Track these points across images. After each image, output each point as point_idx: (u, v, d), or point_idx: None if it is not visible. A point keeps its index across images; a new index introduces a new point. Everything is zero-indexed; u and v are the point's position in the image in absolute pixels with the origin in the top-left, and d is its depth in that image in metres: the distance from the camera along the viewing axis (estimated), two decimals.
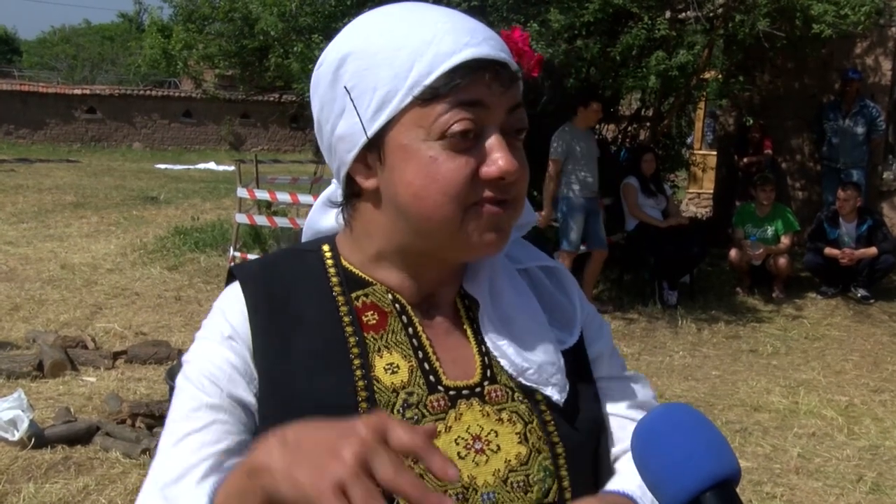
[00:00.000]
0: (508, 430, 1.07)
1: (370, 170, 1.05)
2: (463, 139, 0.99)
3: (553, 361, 1.10)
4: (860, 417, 5.79)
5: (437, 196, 1.00)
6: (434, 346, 1.10)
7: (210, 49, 10.47)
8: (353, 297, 1.11)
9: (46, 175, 17.68)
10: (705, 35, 8.19)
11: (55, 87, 27.21)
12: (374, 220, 1.09)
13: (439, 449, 0.85)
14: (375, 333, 1.09)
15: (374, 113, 1.01)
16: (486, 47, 1.00)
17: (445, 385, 1.08)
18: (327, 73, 1.06)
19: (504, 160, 1.00)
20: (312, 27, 8.52)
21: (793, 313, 8.45)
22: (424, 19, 1.02)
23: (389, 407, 1.04)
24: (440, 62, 0.98)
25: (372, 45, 1.02)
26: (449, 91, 0.98)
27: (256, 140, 27.72)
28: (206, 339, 1.09)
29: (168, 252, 10.10)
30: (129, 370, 6.21)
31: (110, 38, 44.71)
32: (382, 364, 1.07)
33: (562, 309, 1.18)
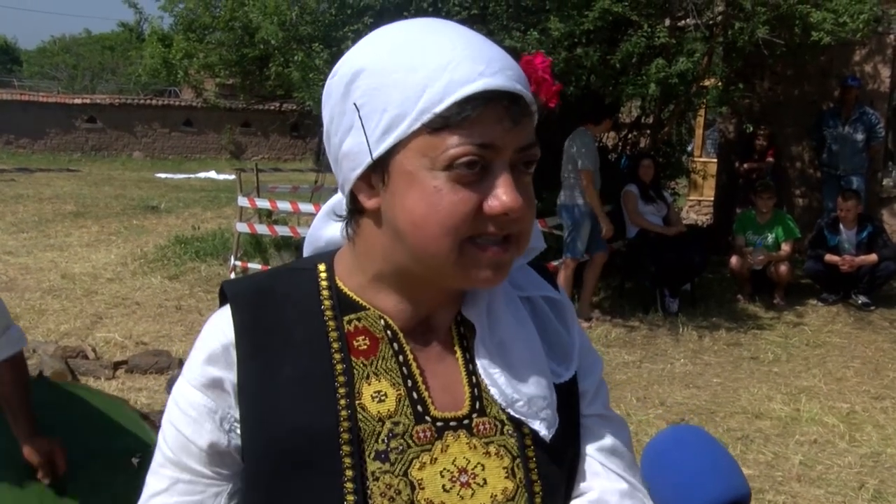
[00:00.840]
0: (496, 464, 1.06)
1: (373, 189, 1.03)
2: (469, 172, 0.97)
3: (545, 395, 1.07)
4: (862, 424, 5.78)
5: (436, 228, 0.98)
6: (425, 374, 1.08)
7: (210, 58, 10.49)
8: (345, 321, 1.08)
9: (47, 184, 17.70)
10: (705, 43, 8.21)
11: (55, 97, 27.25)
12: (375, 239, 1.07)
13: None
14: (365, 359, 1.07)
15: (381, 135, 0.99)
16: (501, 78, 0.97)
17: (433, 416, 1.06)
18: (339, 85, 1.04)
19: (508, 196, 0.97)
20: (313, 36, 8.54)
21: (794, 320, 8.45)
22: (442, 42, 0.99)
23: (374, 436, 1.03)
24: (452, 90, 0.96)
25: (386, 63, 0.99)
26: (459, 122, 0.96)
27: (257, 149, 27.75)
28: (185, 380, 1.08)
29: (169, 261, 10.10)
30: (129, 380, 6.21)
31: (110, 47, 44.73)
32: (370, 391, 1.05)
33: (561, 341, 1.16)
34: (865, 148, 9.91)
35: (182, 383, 1.08)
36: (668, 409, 6.00)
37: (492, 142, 0.97)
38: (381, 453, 1.02)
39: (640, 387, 6.44)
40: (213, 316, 1.11)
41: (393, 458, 1.02)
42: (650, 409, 5.94)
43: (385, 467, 1.02)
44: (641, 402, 6.10)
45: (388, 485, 1.01)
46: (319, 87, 8.25)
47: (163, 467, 1.06)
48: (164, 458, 1.07)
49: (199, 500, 1.05)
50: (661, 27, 8.05)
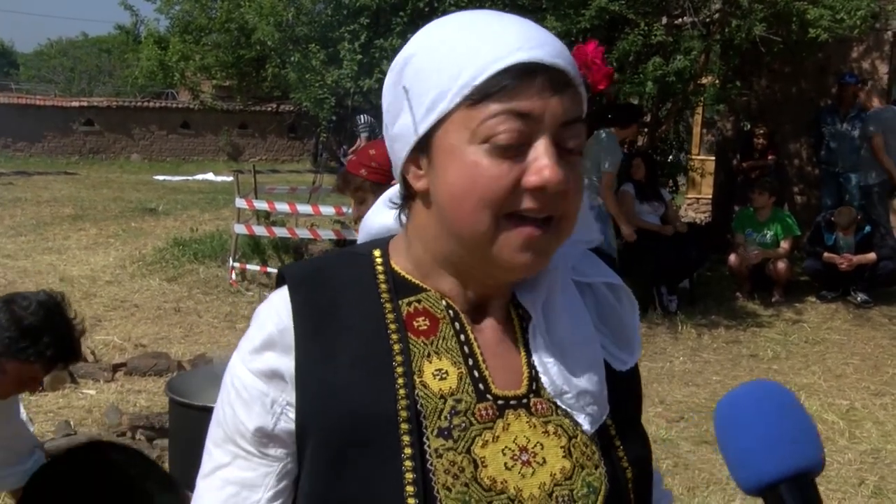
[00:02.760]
0: (554, 443, 1.06)
1: (421, 170, 1.05)
2: (508, 144, 0.97)
3: (594, 391, 1.07)
4: (861, 421, 5.79)
5: (474, 201, 0.98)
6: (484, 353, 1.08)
7: (207, 60, 10.50)
8: (404, 303, 1.09)
9: (44, 187, 17.68)
10: (702, 40, 8.22)
11: (53, 100, 27.23)
12: (425, 222, 1.08)
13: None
14: (426, 339, 1.07)
15: (425, 113, 1.01)
16: (539, 52, 0.98)
17: (494, 394, 1.06)
18: (393, 74, 1.07)
19: (549, 170, 0.97)
20: (309, 37, 8.54)
21: (793, 318, 8.44)
22: (486, 24, 1.02)
23: (437, 413, 1.03)
24: (491, 63, 0.97)
25: (432, 47, 1.03)
26: (497, 93, 0.97)
27: (254, 150, 27.73)
28: (240, 360, 1.09)
29: (167, 263, 10.09)
30: (128, 382, 6.20)
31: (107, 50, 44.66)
32: (431, 369, 1.06)
33: (624, 328, 1.15)
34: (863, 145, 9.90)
35: (237, 363, 1.09)
36: (667, 407, 6.00)
37: (530, 111, 0.97)
38: (443, 430, 1.02)
39: None
40: (269, 297, 1.12)
41: (456, 434, 1.02)
42: (649, 408, 5.93)
43: (448, 444, 1.02)
44: None
45: (452, 462, 1.01)
46: (316, 87, 8.26)
47: (225, 442, 1.09)
48: (224, 433, 1.09)
49: (253, 476, 1.07)
50: (658, 25, 8.05)
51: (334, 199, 10.06)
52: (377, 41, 8.10)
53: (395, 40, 7.98)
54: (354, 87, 8.20)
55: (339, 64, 8.22)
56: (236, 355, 1.10)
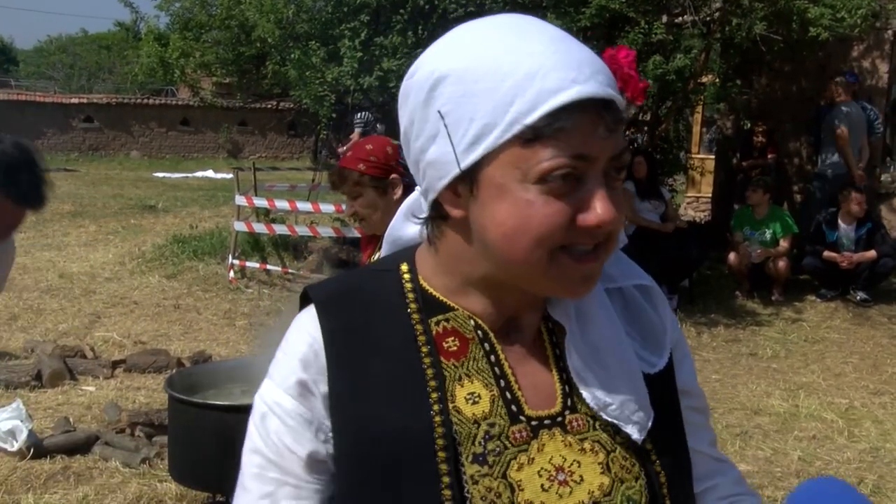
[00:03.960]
0: (591, 459, 1.04)
1: (459, 198, 1.00)
2: (562, 184, 0.94)
3: (637, 398, 1.05)
4: (860, 420, 5.79)
5: (528, 240, 0.95)
6: (515, 373, 1.06)
7: (207, 57, 10.48)
8: (433, 322, 1.06)
9: None
10: (702, 39, 8.21)
11: (52, 97, 27.21)
12: (459, 247, 1.04)
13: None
14: (456, 361, 1.05)
15: (469, 145, 0.96)
16: (593, 84, 0.93)
17: (528, 415, 1.04)
18: (420, 90, 1.00)
19: (603, 209, 0.95)
20: (309, 34, 8.54)
21: (792, 316, 8.45)
22: (529, 46, 0.95)
23: (471, 439, 1.01)
24: (544, 100, 0.92)
25: (471, 70, 0.95)
26: (552, 133, 0.92)
27: (254, 147, 27.72)
28: (276, 385, 1.07)
29: (166, 260, 10.08)
30: (128, 379, 6.19)
31: (107, 47, 44.65)
32: (464, 393, 1.03)
33: (654, 330, 1.13)
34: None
35: (273, 389, 1.07)
36: None
37: (587, 153, 0.94)
38: (478, 456, 1.00)
39: None
40: (298, 319, 1.09)
41: (491, 460, 1.01)
42: None
43: (484, 470, 1.00)
44: None
45: (489, 488, 0.99)
46: (316, 85, 8.25)
47: (266, 471, 1.06)
48: (266, 461, 1.06)
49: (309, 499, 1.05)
50: (659, 24, 8.05)
51: (334, 197, 10.04)
52: (377, 39, 8.10)
53: (395, 38, 7.98)
54: (354, 85, 8.19)
55: (339, 61, 8.21)
56: (270, 382, 1.08)
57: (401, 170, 2.98)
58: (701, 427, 1.22)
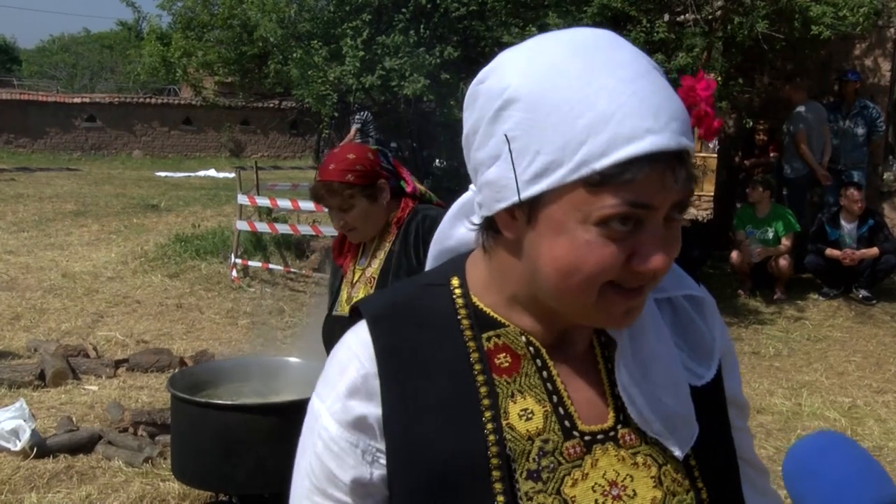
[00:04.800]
0: (643, 474, 1.04)
1: (515, 221, 0.99)
2: (622, 228, 0.93)
3: (683, 415, 1.05)
4: (863, 419, 5.79)
5: (581, 279, 0.95)
6: (567, 388, 1.06)
7: (209, 56, 10.49)
8: (484, 338, 1.06)
9: (47, 184, 17.69)
10: (704, 37, 8.20)
11: (55, 96, 27.21)
12: (510, 266, 1.04)
13: None
14: (508, 377, 1.04)
15: (532, 177, 0.94)
16: (668, 135, 0.91)
17: (581, 430, 1.04)
18: (489, 103, 0.98)
19: (657, 258, 0.94)
20: (311, 33, 8.54)
21: (795, 315, 8.44)
22: (608, 82, 0.92)
23: (525, 455, 1.01)
24: (616, 147, 0.90)
25: (544, 99, 0.93)
26: (620, 183, 0.90)
27: (256, 147, 27.72)
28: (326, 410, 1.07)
29: (169, 260, 10.09)
30: (130, 378, 6.20)
31: (109, 46, 44.64)
32: (517, 410, 1.03)
33: (703, 341, 1.12)
34: (866, 142, 9.88)
35: (323, 413, 1.07)
36: None
37: (651, 202, 0.92)
38: (532, 473, 1.00)
39: None
40: (347, 337, 1.09)
41: (545, 476, 1.00)
42: None
43: (538, 487, 1.00)
44: None
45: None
46: (318, 84, 8.26)
47: (314, 494, 1.07)
48: (312, 485, 1.07)
49: None
50: (661, 22, 8.05)
51: None
52: (379, 38, 8.10)
53: (397, 37, 7.97)
54: (356, 84, 8.19)
55: (341, 60, 8.22)
56: (318, 402, 1.08)
57: (385, 174, 2.92)
58: (744, 432, 1.21)
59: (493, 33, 7.72)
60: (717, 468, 1.10)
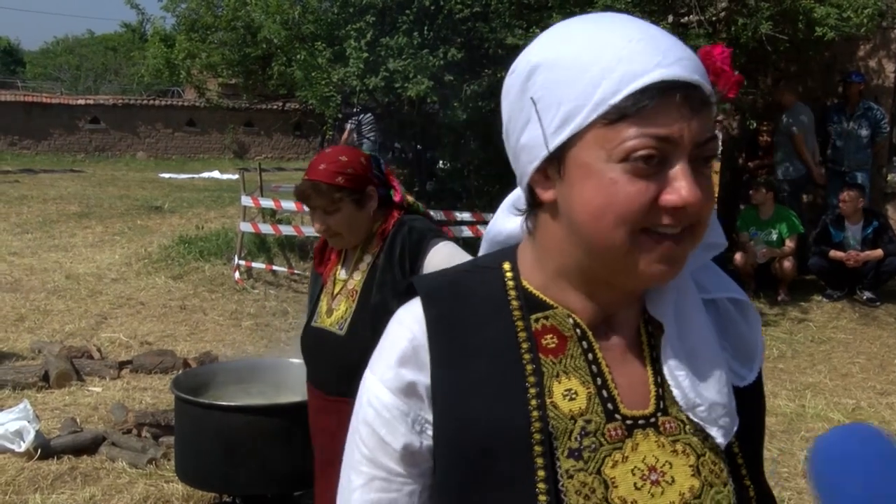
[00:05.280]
0: (682, 461, 1.05)
1: (549, 181, 1.04)
2: (646, 164, 0.96)
3: (725, 403, 1.06)
4: (867, 420, 5.77)
5: (612, 218, 0.98)
6: (612, 371, 1.08)
7: (213, 58, 10.49)
8: (533, 320, 1.09)
9: (51, 185, 17.71)
10: (708, 39, 8.19)
11: (59, 98, 27.26)
12: (552, 233, 1.07)
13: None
14: (554, 358, 1.07)
15: (557, 128, 1.00)
16: (677, 68, 0.97)
17: (623, 413, 1.06)
18: (517, 82, 1.05)
19: (687, 190, 0.96)
20: (315, 35, 8.54)
21: (798, 316, 8.43)
22: (617, 34, 0.99)
23: (567, 434, 1.03)
24: (628, 81, 0.96)
25: (562, 58, 1.00)
26: (635, 113, 0.95)
27: (260, 148, 27.74)
28: (377, 379, 1.10)
29: (173, 261, 10.11)
30: (134, 380, 6.21)
31: (113, 48, 44.77)
32: (561, 389, 1.05)
33: (745, 343, 1.14)
34: (870, 144, 9.87)
35: (374, 382, 1.10)
36: None
37: (669, 134, 0.96)
38: (574, 451, 1.03)
39: None
40: (399, 312, 1.13)
41: (586, 455, 1.03)
42: None
43: (579, 465, 1.02)
44: None
45: (583, 483, 1.01)
46: (322, 85, 8.26)
47: (361, 464, 1.10)
48: (360, 454, 1.10)
49: (395, 497, 1.09)
50: (664, 24, 8.03)
51: None
52: (383, 39, 8.10)
53: (400, 38, 7.98)
54: (360, 86, 8.19)
55: (345, 62, 8.22)
56: (370, 373, 1.11)
57: (376, 182, 2.80)
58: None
59: (497, 35, 7.72)
60: (759, 466, 1.12)
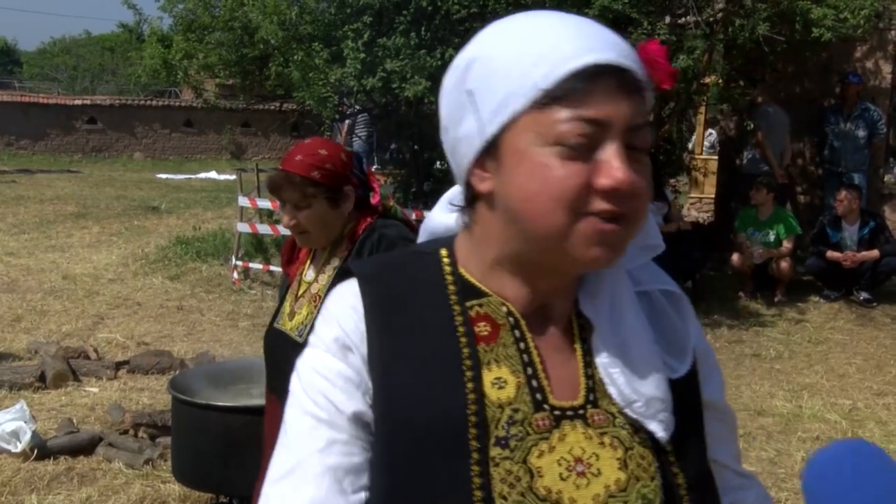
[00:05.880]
0: (609, 454, 1.05)
1: (486, 172, 1.05)
2: (579, 147, 0.98)
3: (662, 398, 1.07)
4: (864, 421, 5.78)
5: (548, 202, 0.98)
6: (544, 361, 1.08)
7: (210, 58, 10.47)
8: (468, 307, 1.09)
9: (48, 186, 17.70)
10: (705, 40, 8.19)
11: (56, 98, 27.23)
12: (490, 225, 1.08)
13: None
14: (486, 345, 1.07)
15: (492, 116, 1.01)
16: (609, 53, 0.99)
17: (551, 404, 1.06)
18: (454, 78, 1.07)
19: (620, 171, 0.98)
20: (313, 35, 8.53)
21: (795, 317, 8.44)
22: (551, 26, 1.02)
23: (495, 422, 1.03)
24: (560, 66, 0.97)
25: (498, 50, 1.02)
26: (567, 96, 0.97)
27: (257, 149, 27.72)
28: (317, 348, 1.10)
29: (170, 262, 10.10)
30: (131, 380, 6.20)
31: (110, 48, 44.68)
32: (491, 378, 1.06)
33: (678, 336, 1.15)
34: (867, 145, 9.90)
35: (318, 354, 1.09)
36: None
37: (601, 117, 0.97)
38: (501, 439, 1.02)
39: None
40: (338, 288, 1.13)
41: (513, 444, 1.03)
42: None
43: (505, 454, 1.02)
44: None
45: (508, 471, 1.01)
46: (319, 86, 8.25)
47: (316, 430, 1.06)
48: (316, 421, 1.06)
49: (358, 462, 1.05)
50: (662, 24, 8.04)
51: None
52: (380, 40, 8.09)
53: (398, 39, 7.97)
54: (358, 86, 8.19)
55: (342, 62, 8.21)
56: (313, 349, 1.11)
57: (354, 181, 2.64)
58: (725, 440, 1.22)
59: None
60: (692, 459, 1.11)
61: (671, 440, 1.08)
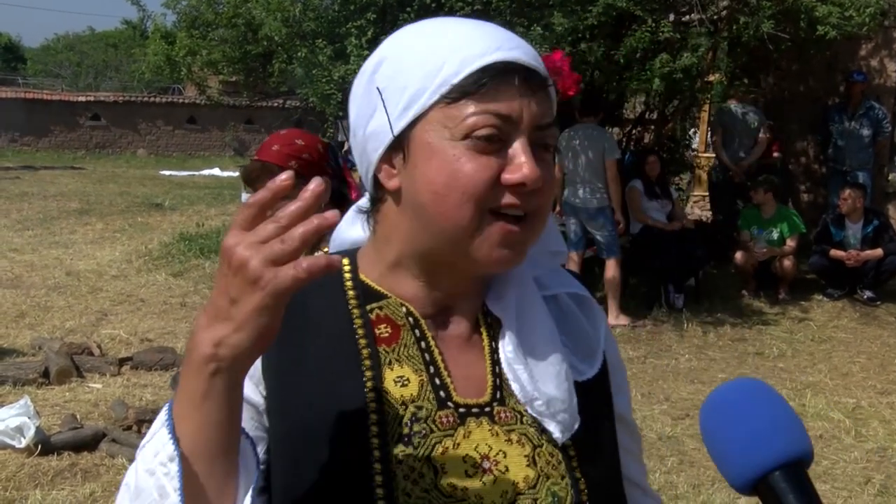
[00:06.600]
0: (517, 451, 1.06)
1: (394, 169, 1.06)
2: (487, 142, 1.00)
3: (564, 399, 1.07)
4: (868, 420, 5.77)
5: (457, 195, 1.00)
6: (446, 360, 1.09)
7: (214, 55, 10.48)
8: (368, 310, 1.10)
9: (51, 182, 17.71)
10: (709, 37, 8.18)
11: (59, 95, 27.25)
12: (395, 222, 1.09)
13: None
14: (388, 346, 1.08)
15: (401, 111, 1.03)
16: (516, 52, 1.02)
17: (455, 401, 1.07)
18: (364, 77, 1.09)
19: (528, 167, 1.00)
20: (316, 32, 8.53)
21: (799, 316, 8.43)
22: (459, 27, 1.05)
23: (398, 419, 1.04)
24: (469, 62, 1.00)
25: (406, 49, 1.05)
26: (475, 90, 0.99)
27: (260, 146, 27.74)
28: None
29: (173, 258, 10.11)
30: (134, 376, 6.21)
31: (114, 45, 44.72)
32: (393, 376, 1.06)
33: (586, 338, 1.16)
34: (871, 143, 9.87)
35: None
36: (672, 404, 5.99)
37: (509, 113, 1.00)
38: (404, 437, 1.03)
39: (644, 382, 6.43)
40: None
41: (416, 441, 1.03)
42: (655, 405, 5.93)
43: (408, 451, 1.02)
44: (646, 397, 6.09)
45: (412, 468, 1.02)
46: (323, 83, 8.25)
47: None
48: None
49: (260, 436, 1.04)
50: (666, 22, 8.03)
51: None
52: (384, 37, 8.07)
53: None
54: None
55: (345, 59, 8.21)
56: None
57: (331, 172, 2.64)
58: (634, 456, 1.24)
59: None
60: (598, 462, 1.11)
61: (576, 442, 1.08)
